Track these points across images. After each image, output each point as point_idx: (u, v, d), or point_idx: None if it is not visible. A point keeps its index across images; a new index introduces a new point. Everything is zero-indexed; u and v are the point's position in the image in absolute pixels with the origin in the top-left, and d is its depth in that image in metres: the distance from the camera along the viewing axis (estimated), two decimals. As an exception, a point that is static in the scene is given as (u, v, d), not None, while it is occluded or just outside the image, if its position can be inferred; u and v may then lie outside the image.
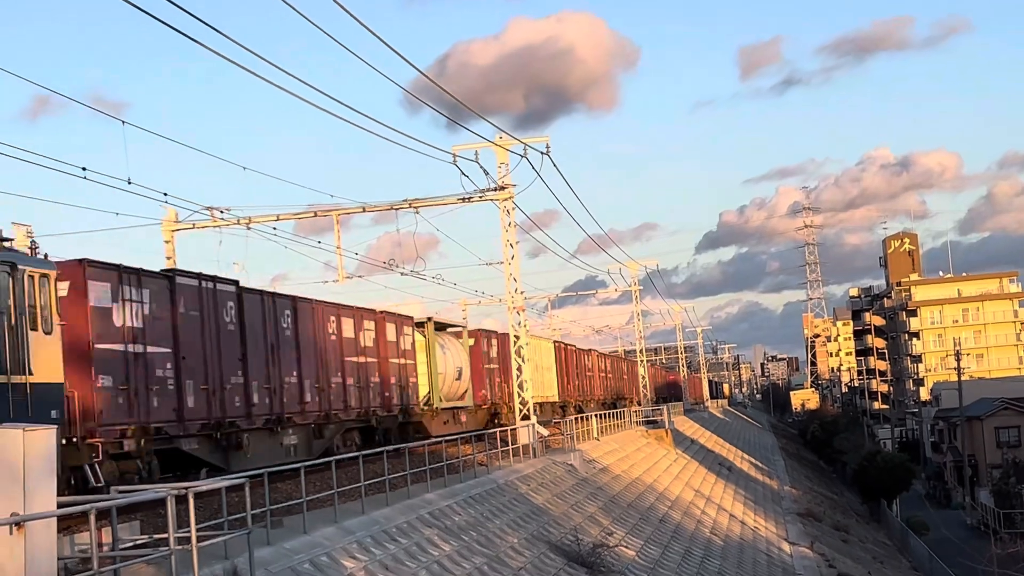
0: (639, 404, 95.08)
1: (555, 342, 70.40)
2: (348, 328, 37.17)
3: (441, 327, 50.73)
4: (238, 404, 29.20)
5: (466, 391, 50.69)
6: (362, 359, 38.02)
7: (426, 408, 44.53)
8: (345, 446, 35.88)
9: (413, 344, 43.68)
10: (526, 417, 45.74)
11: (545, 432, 48.54)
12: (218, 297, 28.70)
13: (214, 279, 28.93)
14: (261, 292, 31.63)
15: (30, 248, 23.01)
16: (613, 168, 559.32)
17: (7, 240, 21.50)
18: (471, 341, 52.76)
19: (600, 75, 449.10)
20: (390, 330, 41.24)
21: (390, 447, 30.25)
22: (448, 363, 47.88)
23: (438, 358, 46.39)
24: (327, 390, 34.76)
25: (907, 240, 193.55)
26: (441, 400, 46.09)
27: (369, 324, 39.33)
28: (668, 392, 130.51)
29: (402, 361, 42.04)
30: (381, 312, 41.34)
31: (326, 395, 34.64)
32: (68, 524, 17.51)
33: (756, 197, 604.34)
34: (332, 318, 35.97)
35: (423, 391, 44.63)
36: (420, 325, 46.11)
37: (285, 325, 32.20)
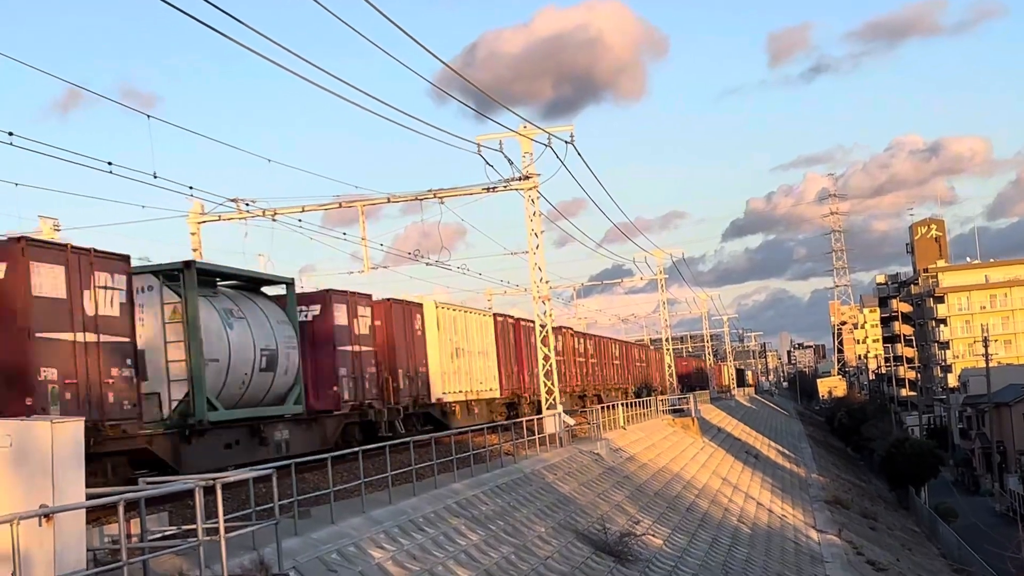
0: (633, 396, 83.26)
1: (496, 315, 53.02)
2: None
3: (244, 283, 31.32)
4: None
5: (291, 390, 31.02)
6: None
7: (176, 421, 26.33)
8: None
9: (130, 308, 24.29)
10: (552, 406, 45.76)
11: (571, 421, 48.55)
12: None
13: None
14: None
15: None
16: (641, 156, 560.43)
17: None
18: (314, 309, 34.40)
19: (628, 63, 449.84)
20: (48, 278, 21.74)
21: (418, 437, 30.18)
22: (240, 343, 28.34)
23: (213, 334, 27.19)
24: None
25: (934, 226, 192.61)
26: (217, 407, 27.25)
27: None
28: (694, 380, 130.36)
29: (93, 338, 22.73)
30: (19, 239, 21.77)
31: None
32: (97, 515, 17.61)
33: (783, 184, 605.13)
34: None
35: (177, 392, 26.58)
36: (171, 276, 27.21)
37: None
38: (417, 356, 41.34)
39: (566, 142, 44.97)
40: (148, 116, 31.63)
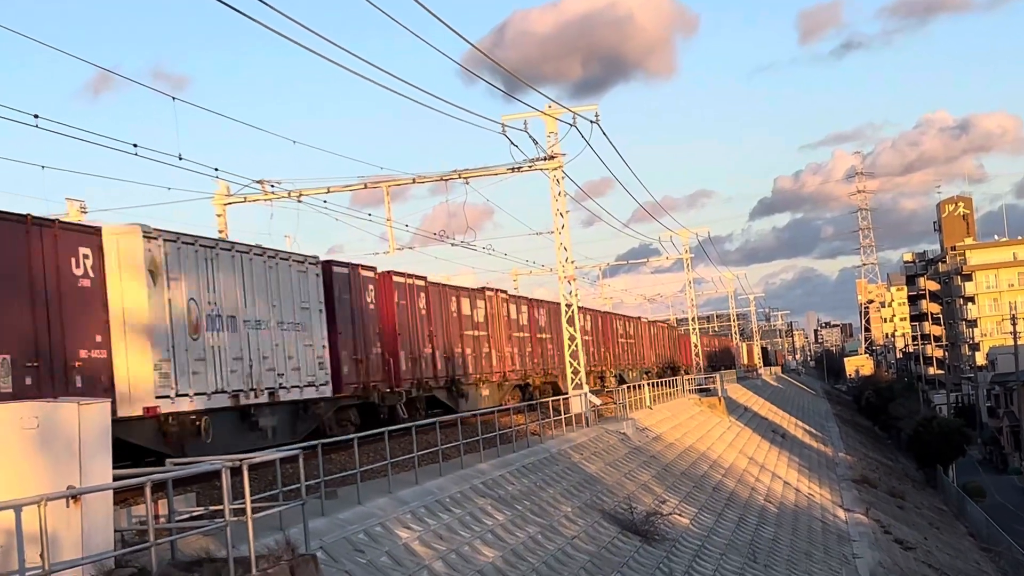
0: (602, 384, 66.70)
1: (329, 263, 32.76)
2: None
3: None
4: None
5: None
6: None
7: None
8: None
9: None
10: (579, 386, 45.74)
11: (598, 401, 48.53)
12: None
13: None
14: None
15: None
16: (670, 135, 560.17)
17: None
18: None
19: (658, 42, 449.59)
20: None
21: (444, 418, 30.36)
22: None
23: None
24: None
25: (961, 204, 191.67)
26: None
27: None
28: (721, 360, 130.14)
29: None
30: None
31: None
32: (125, 496, 17.68)
33: (812, 162, 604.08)
34: None
35: None
36: None
37: None
38: (76, 331, 21.80)
39: (591, 121, 44.93)
40: (173, 98, 31.51)
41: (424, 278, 40.42)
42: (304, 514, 16.68)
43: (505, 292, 50.89)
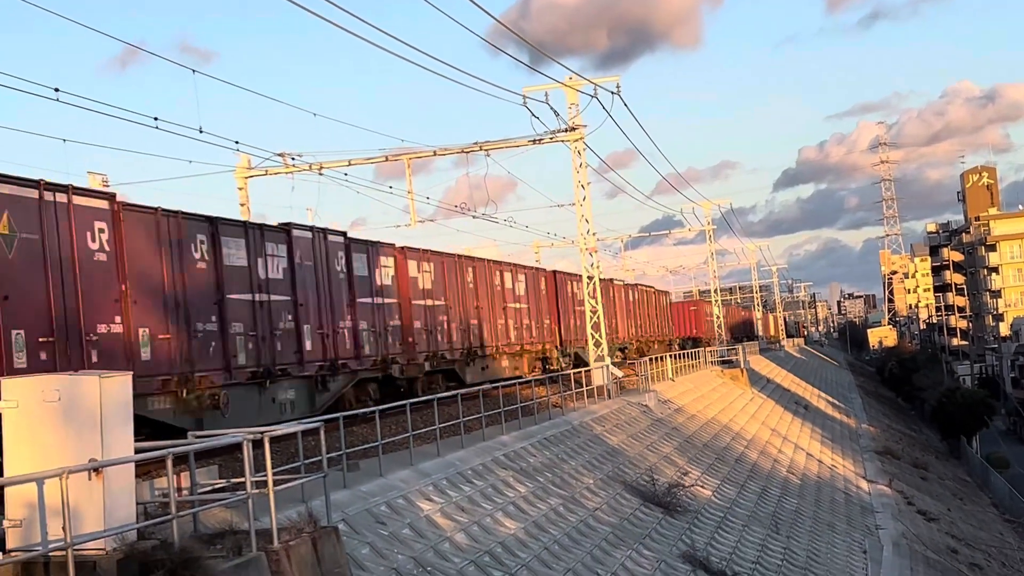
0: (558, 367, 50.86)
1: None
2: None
3: None
4: None
5: None
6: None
7: None
8: None
9: None
10: (600, 358, 45.71)
11: (620, 373, 48.47)
12: None
13: None
14: None
15: None
16: (695, 106, 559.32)
17: None
18: None
19: (684, 12, 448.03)
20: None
21: (466, 390, 30.36)
22: None
23: None
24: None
25: (985, 174, 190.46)
26: None
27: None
28: (743, 331, 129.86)
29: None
30: None
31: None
32: (147, 469, 17.73)
33: (836, 132, 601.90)
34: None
35: None
36: None
37: None
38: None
39: (612, 93, 44.76)
40: (193, 71, 31.48)
41: (154, 211, 23.78)
42: (326, 486, 16.69)
43: (344, 234, 33.23)
